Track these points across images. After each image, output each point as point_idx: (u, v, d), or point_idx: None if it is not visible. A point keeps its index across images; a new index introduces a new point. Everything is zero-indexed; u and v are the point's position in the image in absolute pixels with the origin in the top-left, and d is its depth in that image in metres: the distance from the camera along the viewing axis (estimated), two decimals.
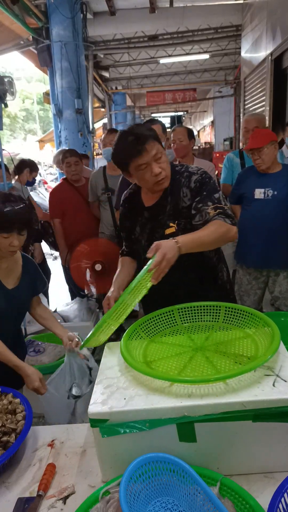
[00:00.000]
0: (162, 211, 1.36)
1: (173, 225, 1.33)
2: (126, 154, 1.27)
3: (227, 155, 2.97)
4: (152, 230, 1.39)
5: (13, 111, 25.16)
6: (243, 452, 0.85)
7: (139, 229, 1.44)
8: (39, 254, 2.98)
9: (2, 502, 0.88)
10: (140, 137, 1.24)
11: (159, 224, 1.36)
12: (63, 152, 3.10)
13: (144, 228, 1.42)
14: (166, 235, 1.32)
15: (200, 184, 1.32)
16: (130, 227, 1.46)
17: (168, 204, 1.36)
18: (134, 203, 1.45)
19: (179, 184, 1.35)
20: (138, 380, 0.91)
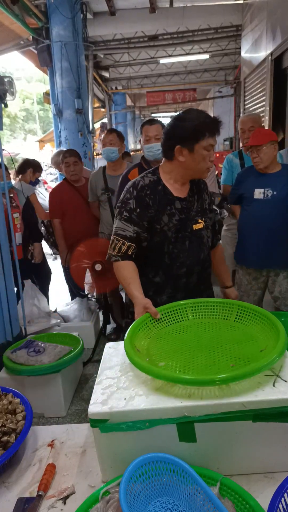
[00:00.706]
0: (192, 206, 1.44)
1: (201, 221, 1.43)
2: (206, 128, 1.28)
3: (226, 156, 2.97)
4: (182, 222, 1.39)
5: (13, 111, 25.16)
6: (243, 452, 0.85)
7: (166, 218, 1.37)
8: (38, 254, 2.98)
9: (2, 502, 0.88)
10: (219, 122, 1.32)
11: (190, 217, 1.42)
12: (63, 152, 3.11)
13: (171, 218, 1.37)
14: (194, 230, 1.41)
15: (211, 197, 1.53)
16: (154, 216, 1.36)
17: (195, 201, 1.45)
18: (159, 191, 1.38)
19: (200, 186, 1.49)
20: (138, 380, 0.91)
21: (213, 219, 1.54)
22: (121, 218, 1.39)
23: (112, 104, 11.54)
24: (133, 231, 1.36)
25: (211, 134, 1.30)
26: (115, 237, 1.39)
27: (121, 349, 1.08)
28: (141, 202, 1.37)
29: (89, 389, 2.38)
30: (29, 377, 2.01)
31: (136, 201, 1.37)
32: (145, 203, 1.37)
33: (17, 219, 2.74)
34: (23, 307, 2.56)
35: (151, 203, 1.37)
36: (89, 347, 2.74)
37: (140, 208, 1.36)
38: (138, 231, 1.37)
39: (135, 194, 1.38)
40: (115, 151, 2.68)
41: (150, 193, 1.38)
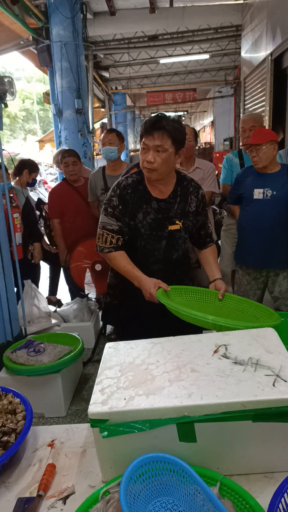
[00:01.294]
0: (172, 207, 1.51)
1: (178, 223, 1.51)
2: (143, 127, 1.41)
3: (226, 155, 2.97)
4: (158, 222, 1.50)
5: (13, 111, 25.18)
6: (243, 452, 0.85)
7: (141, 216, 1.49)
8: (38, 253, 2.98)
9: (2, 502, 0.88)
10: (156, 123, 1.37)
11: (167, 218, 1.50)
12: (62, 152, 3.10)
13: (146, 217, 1.49)
14: (170, 230, 1.50)
15: (204, 200, 1.59)
16: (131, 212, 1.48)
17: (176, 203, 1.52)
18: (139, 190, 1.50)
19: (187, 190, 1.55)
20: (138, 380, 0.91)
21: (200, 222, 1.60)
22: (106, 213, 1.52)
23: (112, 104, 11.54)
24: (117, 225, 1.50)
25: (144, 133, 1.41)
26: (103, 231, 1.51)
27: (121, 349, 1.08)
28: (122, 200, 1.49)
29: (89, 389, 2.38)
30: (29, 377, 2.01)
31: (119, 199, 1.49)
32: (125, 201, 1.49)
33: (17, 219, 2.74)
34: (23, 307, 2.56)
35: (130, 201, 1.49)
36: (89, 347, 2.74)
37: (122, 206, 1.49)
38: (121, 225, 1.49)
39: (118, 193, 1.50)
40: (114, 150, 2.68)
41: (130, 192, 1.50)
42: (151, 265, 1.52)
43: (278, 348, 0.99)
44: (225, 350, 1.01)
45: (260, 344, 1.02)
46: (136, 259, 1.51)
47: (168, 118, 1.41)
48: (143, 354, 1.03)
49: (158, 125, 1.36)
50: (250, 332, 1.09)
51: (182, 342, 1.08)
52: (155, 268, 1.52)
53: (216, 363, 0.96)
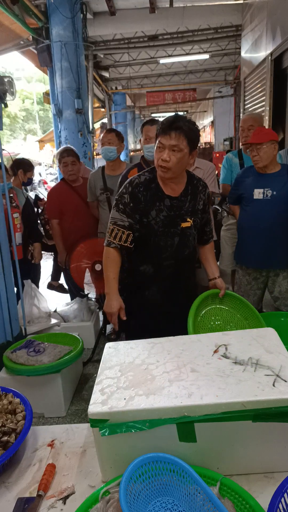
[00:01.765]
0: (183, 205, 1.56)
1: (189, 220, 1.56)
2: (160, 127, 1.45)
3: (226, 155, 2.96)
4: (171, 219, 1.54)
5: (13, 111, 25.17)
6: (243, 452, 0.85)
7: (154, 213, 1.52)
8: (38, 254, 2.97)
9: (2, 502, 0.88)
10: (173, 123, 1.41)
11: (179, 216, 1.55)
12: (60, 152, 3.10)
13: (159, 214, 1.53)
14: (182, 227, 1.55)
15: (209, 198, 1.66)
16: (144, 210, 1.52)
17: (187, 201, 1.57)
18: (152, 188, 1.54)
19: (197, 189, 1.60)
20: (138, 380, 0.91)
21: (205, 219, 1.67)
22: (118, 209, 1.55)
23: (112, 104, 11.53)
24: (128, 222, 1.54)
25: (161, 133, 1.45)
26: (114, 226, 1.55)
27: (121, 349, 1.08)
28: (134, 198, 1.53)
29: (89, 389, 2.38)
30: (29, 377, 2.01)
31: (130, 196, 1.53)
32: (137, 199, 1.52)
33: (17, 219, 2.73)
34: (23, 307, 2.56)
35: (142, 199, 1.53)
36: (89, 347, 2.74)
37: (133, 203, 1.53)
38: (131, 222, 1.54)
39: (130, 190, 1.54)
40: (113, 150, 2.68)
41: (143, 190, 1.53)
42: (163, 261, 1.57)
43: (278, 348, 0.99)
44: (225, 350, 1.01)
45: (260, 344, 1.02)
46: (148, 255, 1.57)
47: (185, 118, 1.46)
48: (143, 354, 1.03)
49: (175, 125, 1.40)
50: (250, 332, 1.09)
51: (182, 342, 1.08)
52: (166, 264, 1.58)
53: (216, 363, 0.96)
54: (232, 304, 1.65)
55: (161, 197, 1.53)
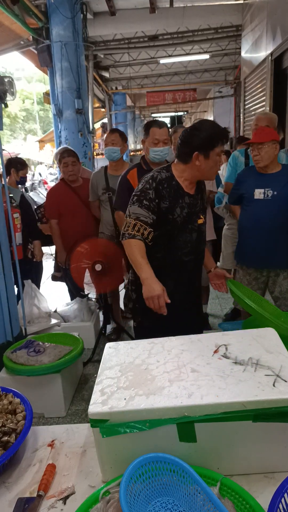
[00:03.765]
0: (197, 202, 1.64)
1: (202, 217, 1.64)
2: (220, 137, 1.50)
3: (232, 153, 2.95)
4: (190, 215, 1.60)
5: (13, 111, 25.17)
6: (243, 452, 0.85)
7: (179, 210, 1.57)
8: (39, 252, 2.96)
9: (2, 502, 0.88)
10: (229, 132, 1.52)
11: (195, 212, 1.62)
12: (60, 152, 3.10)
13: (182, 211, 1.58)
14: (198, 224, 1.62)
15: None
16: (169, 207, 1.55)
17: (199, 199, 1.65)
18: (173, 185, 1.57)
19: (203, 187, 1.69)
20: (138, 380, 0.91)
21: None
22: (141, 205, 1.52)
23: (112, 104, 11.54)
24: (152, 219, 1.52)
25: (224, 142, 1.53)
26: (137, 221, 1.50)
27: (121, 349, 1.08)
28: (158, 194, 1.54)
29: (89, 389, 2.38)
30: (29, 377, 2.01)
31: (155, 192, 1.54)
32: (161, 195, 1.54)
33: (17, 219, 2.73)
34: (23, 307, 2.56)
35: (167, 196, 1.55)
36: (89, 347, 2.74)
37: (158, 199, 1.54)
38: (154, 219, 1.53)
39: (154, 186, 1.54)
40: (117, 150, 2.69)
41: (166, 187, 1.56)
42: (184, 256, 1.62)
43: (278, 348, 0.99)
44: (225, 350, 1.01)
45: (260, 344, 1.02)
46: (171, 251, 1.61)
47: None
48: (143, 354, 1.03)
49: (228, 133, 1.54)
50: (250, 332, 1.09)
51: (182, 342, 1.08)
52: (187, 259, 1.63)
53: (216, 363, 0.96)
54: None
55: (182, 195, 1.59)
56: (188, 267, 1.64)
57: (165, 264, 1.61)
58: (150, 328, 1.64)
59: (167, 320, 1.51)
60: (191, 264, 1.65)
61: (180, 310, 1.65)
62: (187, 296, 1.69)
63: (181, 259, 1.62)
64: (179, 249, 1.60)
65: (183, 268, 1.64)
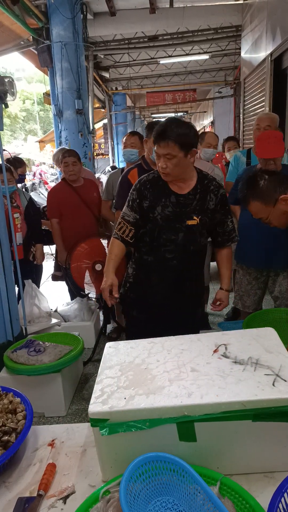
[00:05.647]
0: (190, 203, 1.60)
1: (196, 218, 1.61)
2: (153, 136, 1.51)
3: (234, 153, 2.97)
4: (176, 215, 1.60)
5: (13, 112, 25.19)
6: (243, 452, 0.85)
7: (160, 209, 1.60)
8: (40, 255, 2.97)
9: (2, 502, 0.88)
10: (162, 133, 1.46)
11: (184, 213, 1.60)
12: (62, 152, 3.10)
13: (164, 209, 1.59)
14: (187, 225, 1.60)
15: (225, 198, 1.68)
16: (150, 206, 1.61)
17: (195, 200, 1.61)
18: (159, 185, 1.62)
19: (208, 188, 1.63)
20: (138, 380, 0.92)
21: (217, 219, 1.68)
22: (127, 205, 1.67)
23: (112, 105, 11.54)
24: (133, 218, 1.65)
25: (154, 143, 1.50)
26: (121, 220, 1.68)
27: (121, 348, 1.08)
28: (140, 194, 1.63)
29: (89, 389, 2.38)
30: (30, 376, 2.01)
31: (137, 193, 1.64)
32: (143, 195, 1.62)
33: (18, 219, 2.73)
34: (24, 306, 2.56)
35: (148, 195, 1.61)
36: (89, 346, 2.74)
37: (139, 199, 1.63)
38: (136, 217, 1.64)
39: (137, 187, 1.65)
40: (135, 153, 2.76)
41: (150, 187, 1.62)
42: (166, 253, 1.64)
43: (278, 347, 0.99)
44: (225, 350, 1.01)
45: (259, 344, 1.02)
46: (153, 247, 1.65)
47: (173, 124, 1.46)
48: (143, 354, 1.03)
49: (163, 135, 1.44)
50: (250, 332, 1.09)
51: (182, 341, 1.08)
52: (171, 257, 1.64)
53: (216, 362, 0.96)
54: None
55: (168, 194, 1.60)
56: (172, 266, 1.64)
57: (150, 260, 1.68)
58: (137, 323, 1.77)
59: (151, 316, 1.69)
60: (175, 263, 1.63)
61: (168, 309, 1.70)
62: (175, 295, 1.68)
63: (164, 256, 1.63)
64: (161, 246, 1.62)
65: (167, 266, 1.64)
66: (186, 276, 1.68)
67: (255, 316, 1.93)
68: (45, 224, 3.16)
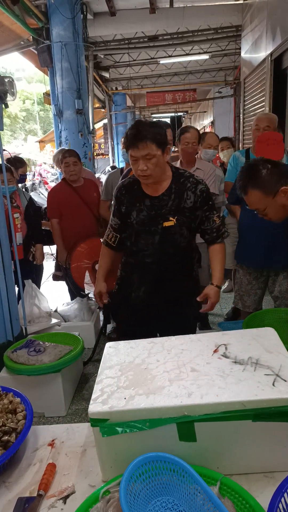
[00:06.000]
0: (165, 204, 1.57)
1: (172, 219, 1.56)
2: (127, 142, 1.48)
3: (233, 153, 2.97)
4: (151, 218, 1.58)
5: (13, 112, 25.19)
6: (243, 452, 0.85)
7: (135, 214, 1.60)
8: (40, 255, 2.97)
9: (2, 502, 0.88)
10: (138, 134, 1.43)
11: (160, 215, 1.57)
12: (62, 152, 3.11)
13: (139, 214, 1.59)
14: (164, 226, 1.56)
15: (206, 195, 1.60)
16: (126, 212, 1.61)
17: (170, 200, 1.57)
18: (134, 190, 1.61)
19: (184, 186, 1.58)
20: (138, 379, 0.92)
21: (199, 217, 1.61)
22: (112, 212, 1.72)
23: (112, 105, 11.54)
24: (115, 223, 1.70)
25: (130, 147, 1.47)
26: (108, 226, 1.75)
27: (121, 348, 1.08)
28: (118, 200, 1.65)
29: (89, 389, 2.38)
30: (30, 376, 2.01)
31: (116, 199, 1.66)
32: (121, 201, 1.64)
33: (18, 219, 2.74)
34: (24, 306, 2.56)
35: (125, 201, 1.62)
36: (89, 346, 2.74)
37: (117, 205, 1.65)
38: (118, 223, 1.68)
39: (115, 194, 1.67)
40: None
41: (125, 192, 1.63)
42: (145, 258, 1.63)
43: (278, 347, 0.99)
44: (225, 350, 1.01)
45: (259, 344, 1.02)
46: (133, 252, 1.66)
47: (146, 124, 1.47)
48: (143, 354, 1.03)
49: (139, 136, 1.43)
50: (250, 332, 1.09)
51: (182, 341, 1.08)
52: (149, 261, 1.63)
53: (216, 362, 0.96)
54: None
55: (142, 198, 1.59)
56: (152, 269, 1.62)
57: (132, 263, 1.70)
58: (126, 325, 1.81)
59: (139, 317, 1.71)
60: (154, 267, 1.62)
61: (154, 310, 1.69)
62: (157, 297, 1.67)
63: (143, 260, 1.63)
64: (140, 251, 1.63)
65: (146, 270, 1.64)
66: (167, 277, 1.64)
67: (255, 316, 1.93)
68: (45, 225, 3.16)
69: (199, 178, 1.62)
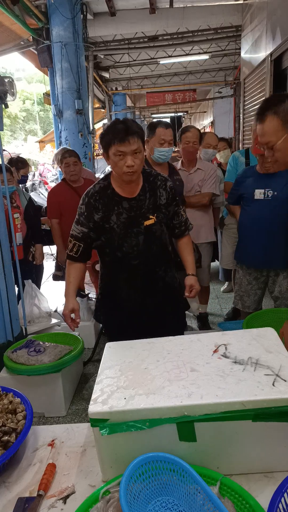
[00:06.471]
0: (143, 204, 1.58)
1: (152, 217, 1.58)
2: (112, 137, 1.43)
3: (233, 153, 2.97)
4: (131, 219, 1.56)
5: (13, 112, 25.19)
6: (243, 452, 0.85)
7: (115, 218, 1.56)
8: (40, 255, 2.97)
9: (2, 502, 0.88)
10: (128, 129, 1.42)
11: (140, 215, 1.57)
12: (62, 152, 3.11)
13: (119, 217, 1.56)
14: (146, 225, 1.57)
15: (174, 191, 1.65)
16: (103, 217, 1.56)
17: (147, 199, 1.59)
18: (107, 195, 1.57)
19: (155, 185, 1.61)
20: (138, 379, 0.92)
21: (171, 212, 1.66)
22: (75, 221, 1.62)
23: (112, 105, 11.53)
24: (80, 231, 1.60)
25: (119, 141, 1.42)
26: (70, 238, 1.64)
27: (121, 348, 1.08)
28: (89, 207, 1.57)
29: (89, 389, 2.38)
30: (30, 376, 2.01)
31: (86, 206, 1.58)
32: (94, 207, 1.56)
33: (18, 219, 2.74)
34: (24, 307, 2.56)
35: (100, 207, 1.56)
36: (89, 346, 2.74)
37: (87, 212, 1.57)
38: (84, 231, 1.59)
39: (86, 201, 1.59)
40: None
41: (99, 198, 1.57)
42: (131, 260, 1.60)
43: (278, 347, 0.99)
44: (225, 350, 1.01)
45: (259, 344, 1.02)
46: (116, 257, 1.60)
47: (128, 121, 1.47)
48: (143, 354, 1.03)
49: (129, 131, 1.43)
50: (249, 332, 1.09)
51: (182, 341, 1.08)
52: (136, 263, 1.60)
53: (216, 362, 0.96)
54: None
55: (118, 201, 1.56)
56: (139, 271, 1.61)
57: (115, 268, 1.63)
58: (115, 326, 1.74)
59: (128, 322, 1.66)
60: (141, 267, 1.60)
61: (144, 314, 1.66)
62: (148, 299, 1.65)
63: (129, 263, 1.59)
64: (126, 254, 1.59)
65: (133, 272, 1.61)
66: (155, 277, 1.65)
67: (255, 316, 1.93)
68: (44, 222, 3.16)
69: (164, 175, 1.67)
